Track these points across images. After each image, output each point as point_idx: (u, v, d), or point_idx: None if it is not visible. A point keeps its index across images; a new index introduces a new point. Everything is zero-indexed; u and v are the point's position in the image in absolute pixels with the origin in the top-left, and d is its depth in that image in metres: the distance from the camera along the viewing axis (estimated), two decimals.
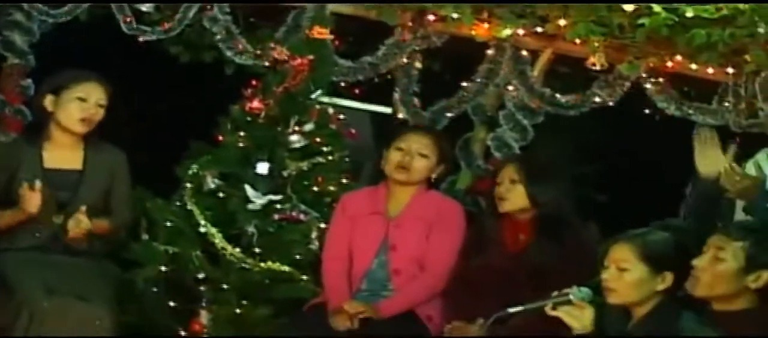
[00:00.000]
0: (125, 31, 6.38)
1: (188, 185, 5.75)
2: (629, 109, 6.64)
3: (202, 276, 5.62)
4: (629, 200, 7.13)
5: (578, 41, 6.16)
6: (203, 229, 5.64)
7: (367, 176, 6.33)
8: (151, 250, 5.64)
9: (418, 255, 5.26)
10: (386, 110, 7.51)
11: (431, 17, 6.38)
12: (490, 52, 6.43)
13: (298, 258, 5.64)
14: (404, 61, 6.61)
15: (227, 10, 6.43)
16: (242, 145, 5.80)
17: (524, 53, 6.42)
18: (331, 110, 6.02)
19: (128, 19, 6.38)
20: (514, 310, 4.40)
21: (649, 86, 6.29)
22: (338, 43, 6.36)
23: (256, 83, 5.96)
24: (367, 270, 5.29)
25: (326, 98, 6.02)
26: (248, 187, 5.68)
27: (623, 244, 4.30)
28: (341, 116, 6.09)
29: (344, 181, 5.93)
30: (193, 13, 6.40)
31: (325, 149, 5.87)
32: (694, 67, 6.14)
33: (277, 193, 5.70)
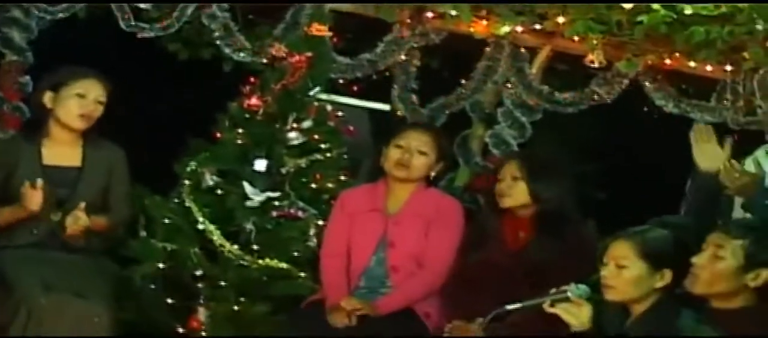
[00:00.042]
0: (123, 28, 6.38)
1: (186, 182, 5.75)
2: (627, 106, 6.63)
3: (200, 273, 5.61)
4: (627, 198, 7.14)
5: (577, 38, 6.16)
6: (201, 226, 5.64)
7: (365, 173, 6.32)
8: (149, 247, 5.64)
9: (416, 252, 5.25)
10: (384, 107, 7.51)
11: (430, 14, 6.38)
12: (488, 49, 6.43)
13: (296, 254, 5.64)
14: (402, 58, 6.61)
15: (226, 7, 6.42)
16: (240, 142, 5.80)
17: (522, 50, 6.43)
18: (329, 107, 6.01)
19: (126, 16, 6.37)
20: (512, 307, 4.41)
21: (647, 84, 6.29)
22: (336, 40, 6.37)
23: (254, 80, 5.96)
24: (365, 266, 5.28)
25: (324, 95, 6.01)
26: (246, 184, 5.68)
27: (623, 241, 4.30)
28: (339, 113, 6.09)
29: (342, 178, 5.93)
30: (191, 10, 6.40)
31: (323, 146, 5.87)
32: (692, 64, 6.14)
33: (275, 190, 5.70)
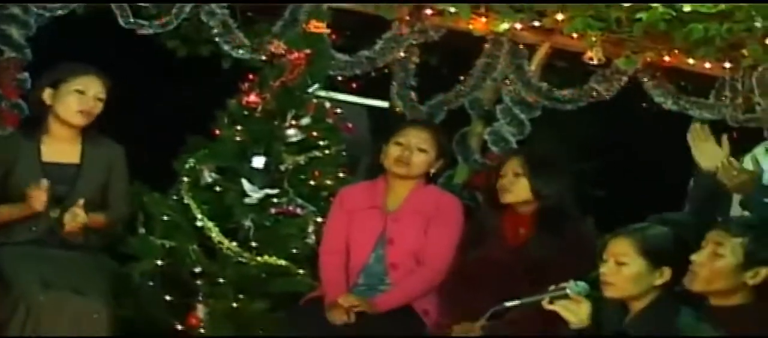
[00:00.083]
0: (122, 25, 6.37)
1: (185, 179, 5.75)
2: (626, 103, 6.63)
3: (198, 270, 5.62)
4: (626, 195, 7.14)
5: (576, 36, 6.17)
6: (200, 223, 5.64)
7: (363, 170, 6.34)
8: (147, 244, 5.64)
9: (415, 249, 5.25)
10: (383, 104, 7.51)
11: (428, 11, 6.37)
12: (487, 46, 6.44)
13: (294, 252, 5.65)
14: (401, 55, 6.61)
15: (225, 4, 6.42)
16: (239, 139, 5.80)
17: (522, 47, 6.43)
18: (328, 104, 6.01)
19: (125, 13, 6.37)
20: (510, 304, 4.40)
21: (646, 81, 6.30)
22: (335, 37, 6.36)
23: (253, 77, 5.96)
24: (364, 264, 5.28)
25: (323, 92, 6.02)
26: (245, 181, 5.68)
27: (622, 238, 4.29)
28: (338, 110, 6.09)
29: (341, 175, 5.93)
30: (190, 7, 6.40)
31: (321, 143, 5.87)
32: (691, 61, 6.15)
33: (273, 187, 5.70)
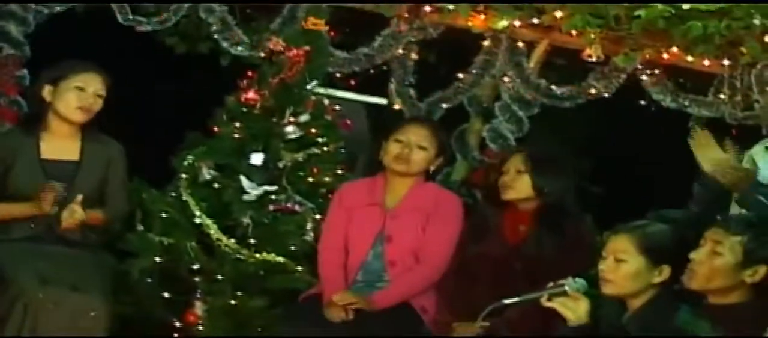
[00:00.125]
0: (121, 21, 6.36)
1: (184, 176, 5.74)
2: (625, 101, 6.63)
3: (196, 266, 5.62)
4: (624, 192, 7.14)
5: (574, 33, 6.16)
6: (198, 220, 5.64)
7: (362, 167, 6.33)
8: (146, 241, 5.64)
9: (414, 246, 5.24)
10: (382, 102, 7.50)
11: (427, 8, 6.37)
12: (486, 43, 6.43)
13: (293, 249, 5.64)
14: (400, 52, 6.61)
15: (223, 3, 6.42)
16: (238, 136, 5.80)
17: (520, 45, 6.41)
18: (326, 101, 6.01)
19: (124, 10, 6.36)
20: (509, 301, 4.40)
21: (645, 78, 6.29)
22: (334, 34, 6.36)
23: (251, 74, 5.96)
24: (363, 261, 5.27)
25: (322, 89, 6.02)
26: (243, 178, 5.68)
27: (622, 235, 4.29)
28: (337, 107, 6.09)
29: (339, 172, 5.93)
30: (188, 4, 6.39)
31: (320, 140, 5.86)
32: (690, 59, 6.13)
33: (272, 184, 5.70)
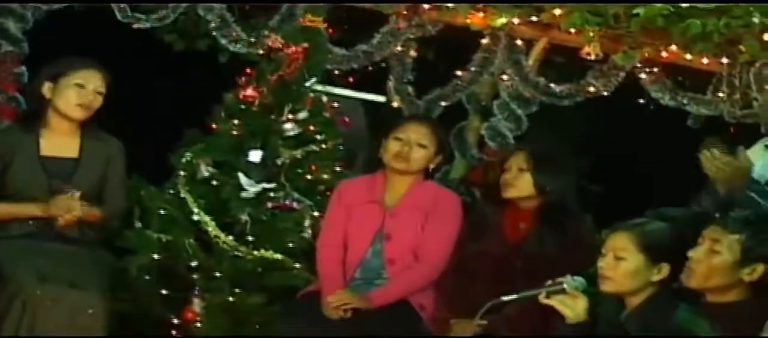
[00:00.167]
0: (119, 18, 6.36)
1: (182, 173, 5.74)
2: (624, 99, 6.63)
3: (195, 263, 5.62)
4: (622, 190, 7.14)
5: (573, 31, 6.15)
6: (196, 217, 5.64)
7: (360, 165, 6.33)
8: (144, 238, 5.64)
9: (413, 244, 5.24)
10: (380, 99, 7.50)
11: (426, 6, 6.36)
12: (484, 41, 6.42)
13: (291, 246, 5.64)
14: (399, 49, 6.61)
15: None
16: (236, 133, 5.80)
17: (519, 42, 6.41)
18: (325, 98, 6.01)
19: (122, 6, 6.35)
20: (507, 298, 4.40)
21: (643, 76, 6.28)
22: (332, 31, 6.35)
23: (250, 71, 5.95)
24: (361, 258, 5.27)
25: (320, 87, 6.01)
26: (242, 175, 5.68)
27: (622, 233, 4.29)
28: (335, 104, 6.08)
29: (338, 169, 5.93)
30: (186, 4, 6.38)
31: (318, 138, 5.86)
32: (689, 57, 6.13)
33: (270, 181, 5.69)
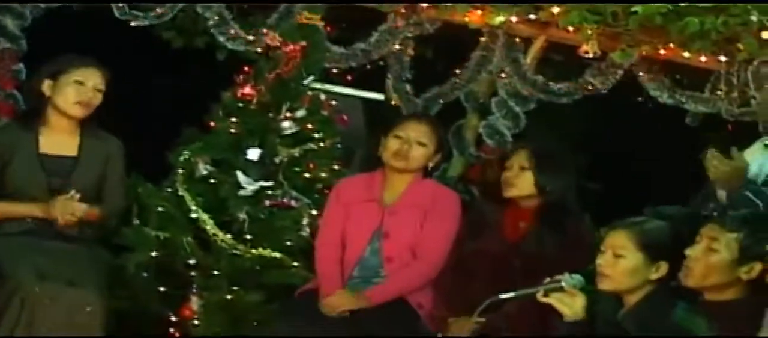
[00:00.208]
0: (118, 16, 6.35)
1: (180, 171, 5.75)
2: (622, 97, 6.63)
3: (193, 261, 5.62)
4: (620, 189, 7.13)
5: (571, 29, 6.15)
6: (194, 215, 5.64)
7: (358, 163, 6.32)
8: (142, 236, 5.64)
9: (411, 242, 5.23)
10: (379, 97, 7.50)
11: (424, 4, 6.36)
12: (483, 39, 6.42)
13: (289, 244, 5.64)
14: (397, 47, 6.61)
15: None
16: (234, 131, 5.80)
17: (517, 41, 6.41)
18: (323, 97, 6.00)
19: (121, 4, 6.35)
20: (505, 296, 4.39)
21: (641, 74, 6.29)
22: (331, 29, 6.35)
23: (248, 69, 5.96)
24: (359, 256, 5.26)
25: (318, 85, 6.01)
26: (240, 173, 5.68)
27: (621, 231, 4.29)
28: (333, 103, 6.08)
29: (336, 167, 5.93)
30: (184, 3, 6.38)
31: (316, 136, 5.86)
32: (687, 55, 6.13)
33: (268, 179, 5.69)
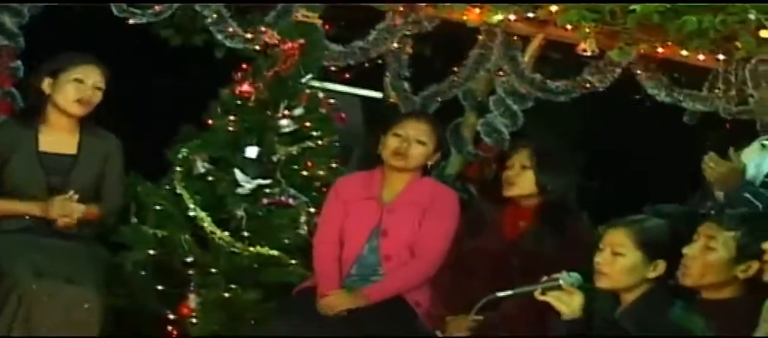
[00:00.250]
0: (116, 13, 6.34)
1: (178, 169, 5.74)
2: (620, 95, 6.63)
3: (190, 259, 5.61)
4: (618, 187, 7.14)
5: (569, 27, 6.15)
6: (192, 213, 5.63)
7: (356, 161, 6.32)
8: (140, 234, 5.64)
9: (410, 241, 5.23)
10: (377, 95, 7.50)
11: (422, 3, 6.36)
12: (481, 37, 6.41)
13: (286, 242, 5.64)
14: (395, 45, 6.60)
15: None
16: (232, 129, 5.79)
17: (515, 39, 6.41)
18: (321, 95, 6.00)
19: (119, 1, 6.34)
20: (503, 294, 4.40)
21: (639, 72, 6.29)
22: (329, 27, 6.34)
23: (246, 67, 5.95)
24: (358, 254, 5.26)
25: (316, 83, 6.00)
26: (238, 171, 5.68)
27: (620, 229, 4.30)
28: (331, 101, 6.08)
29: (334, 165, 5.92)
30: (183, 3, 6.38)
31: (314, 134, 5.86)
32: (684, 53, 6.13)
33: (266, 177, 5.69)
